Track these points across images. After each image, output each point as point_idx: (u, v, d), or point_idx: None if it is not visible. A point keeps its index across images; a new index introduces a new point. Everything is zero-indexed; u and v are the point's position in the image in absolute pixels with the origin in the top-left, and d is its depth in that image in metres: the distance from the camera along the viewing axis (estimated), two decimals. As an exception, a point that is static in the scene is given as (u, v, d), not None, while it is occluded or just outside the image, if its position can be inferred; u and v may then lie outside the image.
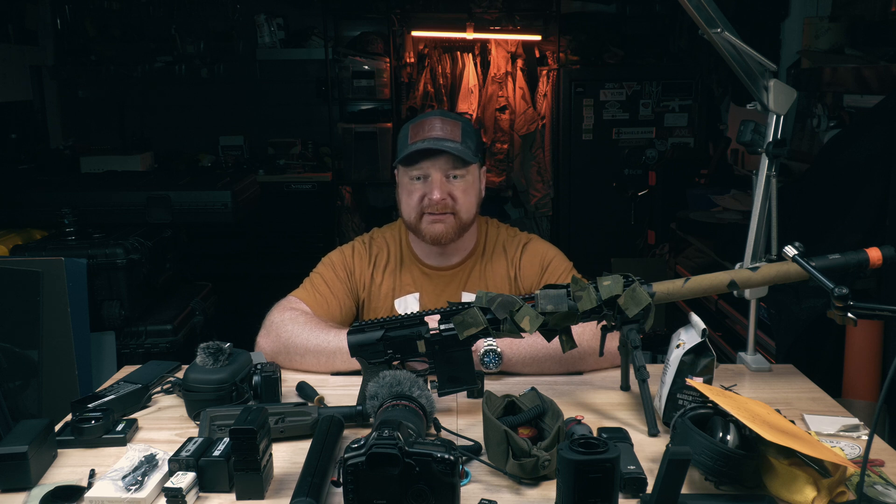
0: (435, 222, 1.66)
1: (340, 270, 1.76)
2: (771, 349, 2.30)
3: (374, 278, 1.77)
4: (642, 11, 5.08)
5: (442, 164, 1.64)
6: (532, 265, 1.76)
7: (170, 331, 2.64)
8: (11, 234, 2.74)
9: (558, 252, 1.79)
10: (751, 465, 1.08)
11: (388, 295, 1.76)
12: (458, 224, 1.67)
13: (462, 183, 1.66)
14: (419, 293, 1.75)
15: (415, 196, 1.66)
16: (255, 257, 4.60)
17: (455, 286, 1.76)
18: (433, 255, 1.76)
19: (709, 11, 1.44)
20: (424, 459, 0.97)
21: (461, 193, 1.66)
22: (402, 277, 1.76)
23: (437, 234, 1.67)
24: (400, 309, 1.73)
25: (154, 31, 4.82)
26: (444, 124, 1.66)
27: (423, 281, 1.76)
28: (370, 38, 4.98)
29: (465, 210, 1.67)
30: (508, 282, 1.76)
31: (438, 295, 1.74)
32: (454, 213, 1.66)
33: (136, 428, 1.34)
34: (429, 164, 1.64)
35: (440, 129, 1.65)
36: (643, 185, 4.73)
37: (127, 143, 4.85)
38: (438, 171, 1.64)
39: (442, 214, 1.65)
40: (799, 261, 1.24)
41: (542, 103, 5.07)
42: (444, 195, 1.64)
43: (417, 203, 1.66)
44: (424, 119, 1.69)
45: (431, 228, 1.66)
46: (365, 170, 4.92)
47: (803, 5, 3.41)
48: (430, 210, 1.65)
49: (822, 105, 3.03)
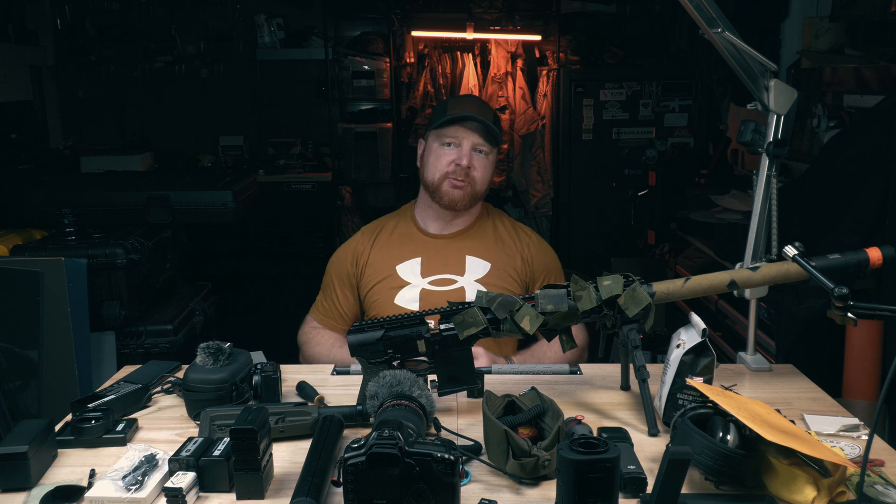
0: (455, 187, 1.82)
1: (340, 271, 1.91)
2: (771, 349, 2.30)
3: (374, 249, 1.89)
4: (642, 11, 5.08)
5: (474, 136, 1.81)
6: (542, 257, 1.92)
7: (170, 331, 2.63)
8: (11, 234, 2.73)
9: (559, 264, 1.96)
10: (751, 465, 1.08)
11: (387, 261, 1.86)
12: (472, 193, 1.84)
13: (485, 159, 1.84)
14: (420, 258, 1.85)
15: (444, 159, 1.82)
16: (255, 257, 4.60)
17: (457, 251, 1.86)
18: (438, 221, 1.90)
19: (709, 11, 1.44)
20: (424, 459, 0.97)
21: (482, 167, 1.83)
22: (402, 244, 1.89)
23: (454, 199, 1.82)
24: (402, 274, 1.83)
25: (154, 31, 4.82)
26: (480, 106, 1.88)
27: (424, 247, 1.87)
28: (370, 38, 4.98)
29: (481, 183, 1.84)
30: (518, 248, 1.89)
31: (441, 258, 1.85)
32: (471, 183, 1.82)
33: (136, 428, 1.34)
34: (463, 132, 1.81)
35: (477, 109, 1.84)
36: (643, 185, 4.72)
37: (127, 143, 4.84)
38: (469, 141, 1.81)
39: (463, 181, 1.81)
40: (799, 261, 1.24)
41: (542, 103, 5.07)
42: (470, 163, 1.81)
43: (445, 165, 1.82)
44: (465, 97, 1.91)
45: (451, 192, 1.82)
46: (365, 170, 4.92)
47: (803, 5, 3.41)
48: (454, 175, 1.81)
49: (822, 105, 3.03)
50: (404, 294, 1.80)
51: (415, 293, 1.79)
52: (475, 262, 1.84)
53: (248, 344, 1.52)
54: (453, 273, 1.82)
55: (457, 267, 1.83)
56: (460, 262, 1.84)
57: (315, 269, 1.98)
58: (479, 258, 1.85)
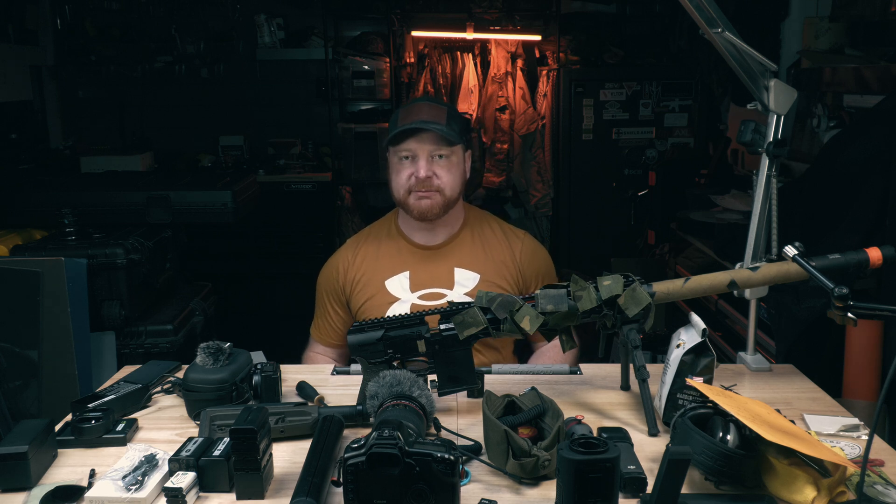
0: (421, 199, 1.77)
1: (328, 288, 1.90)
2: (771, 349, 2.30)
3: (361, 262, 1.87)
4: (642, 11, 5.07)
5: (428, 143, 1.75)
6: (534, 262, 1.89)
7: (170, 331, 2.63)
8: (11, 234, 2.73)
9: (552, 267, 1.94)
10: (751, 465, 1.08)
11: (376, 274, 1.84)
12: (443, 200, 1.78)
13: (447, 162, 1.78)
14: (409, 271, 1.83)
15: (403, 174, 1.78)
16: (255, 257, 4.59)
17: (445, 263, 1.83)
18: (421, 232, 1.86)
19: (709, 11, 1.44)
20: (424, 459, 0.97)
21: (445, 172, 1.77)
22: (390, 256, 1.86)
23: (423, 210, 1.78)
24: (391, 289, 1.81)
25: (154, 31, 4.81)
26: (430, 109, 1.78)
27: (412, 259, 1.84)
28: (370, 38, 4.98)
29: (450, 188, 1.78)
30: (509, 255, 1.86)
31: (430, 273, 1.82)
32: (439, 191, 1.77)
33: (136, 428, 1.34)
34: (415, 143, 1.75)
35: (427, 113, 1.76)
36: (643, 185, 4.72)
37: (127, 143, 4.84)
38: (424, 150, 1.76)
39: (428, 191, 1.76)
40: (799, 261, 1.24)
41: (542, 103, 5.07)
42: (429, 173, 1.76)
43: (405, 181, 1.78)
44: (413, 104, 1.81)
45: (418, 205, 1.78)
46: (365, 170, 4.92)
47: (803, 5, 3.40)
48: (416, 188, 1.77)
49: (822, 105, 3.03)
50: (395, 310, 1.78)
51: (405, 308, 1.78)
52: (464, 273, 1.81)
53: (248, 344, 1.52)
54: (442, 287, 1.80)
55: (446, 281, 1.81)
56: (449, 275, 1.81)
57: (315, 269, 1.97)
58: (468, 269, 1.82)
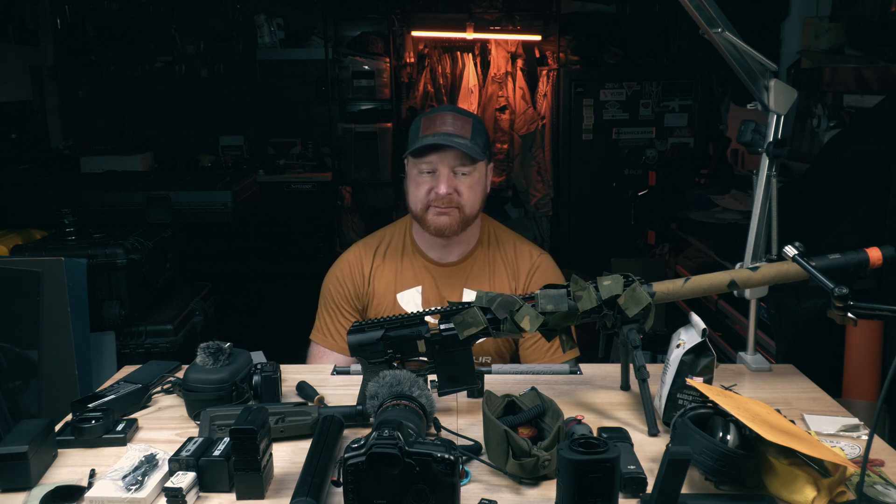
0: (440, 214, 1.70)
1: (344, 292, 1.82)
2: (771, 349, 2.30)
3: (378, 268, 1.81)
4: (642, 11, 5.08)
5: (450, 159, 1.67)
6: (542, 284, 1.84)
7: (170, 331, 2.63)
8: (11, 234, 2.73)
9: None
10: (751, 465, 1.08)
11: (389, 287, 1.80)
12: (461, 218, 1.71)
13: (468, 179, 1.70)
14: (421, 286, 1.78)
15: (422, 188, 1.70)
16: (255, 257, 4.60)
17: (456, 282, 1.79)
18: (436, 248, 1.80)
19: (709, 11, 1.44)
20: (424, 459, 0.97)
21: (467, 189, 1.70)
22: (403, 269, 1.80)
23: (441, 226, 1.70)
24: (403, 303, 1.77)
25: (154, 31, 4.82)
26: (455, 120, 1.69)
27: (425, 275, 1.79)
28: (370, 38, 4.98)
29: (470, 205, 1.71)
30: (513, 285, 1.80)
31: (439, 290, 1.78)
32: (458, 208, 1.70)
33: (136, 428, 1.34)
34: (437, 158, 1.67)
35: (451, 125, 1.68)
36: (643, 185, 4.73)
37: (127, 143, 4.84)
38: (446, 166, 1.68)
39: (447, 208, 1.69)
40: (799, 261, 1.24)
41: (542, 103, 5.07)
42: (450, 190, 1.68)
43: (425, 195, 1.70)
44: (437, 113, 1.73)
45: (436, 220, 1.70)
46: (365, 170, 4.92)
47: (803, 5, 3.41)
48: (435, 203, 1.69)
49: (822, 105, 3.03)
50: None
51: None
52: (472, 295, 1.73)
53: (248, 344, 1.52)
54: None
55: (455, 299, 1.76)
56: (457, 295, 1.78)
57: (315, 269, 1.96)
58: (475, 291, 1.77)
